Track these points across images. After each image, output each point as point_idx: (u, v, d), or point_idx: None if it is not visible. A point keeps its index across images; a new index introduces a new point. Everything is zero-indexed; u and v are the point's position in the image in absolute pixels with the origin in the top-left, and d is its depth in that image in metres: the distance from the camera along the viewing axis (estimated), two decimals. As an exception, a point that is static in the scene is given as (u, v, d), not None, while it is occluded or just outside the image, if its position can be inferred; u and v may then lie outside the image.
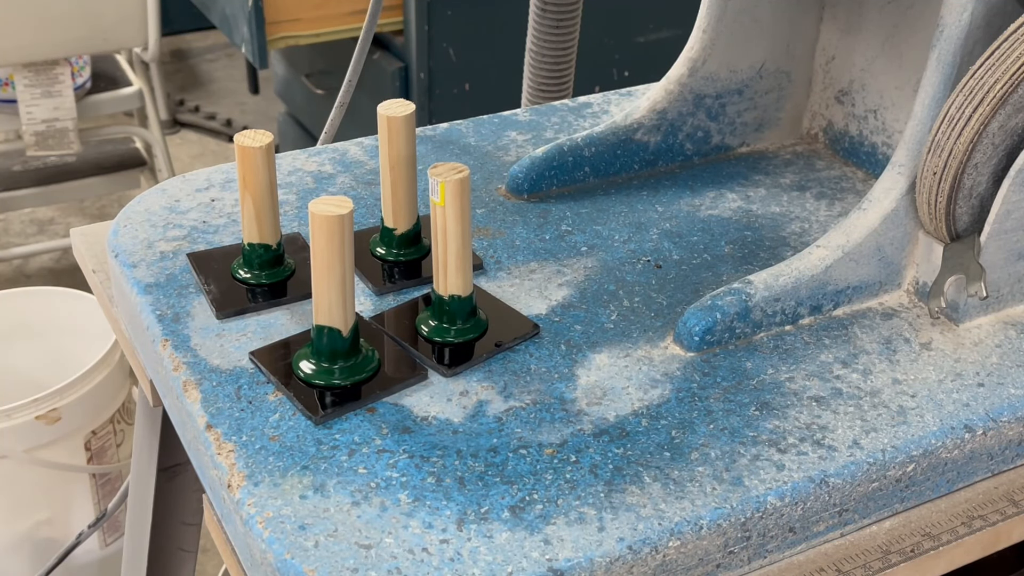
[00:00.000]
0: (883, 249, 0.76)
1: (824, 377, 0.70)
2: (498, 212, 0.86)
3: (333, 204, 0.62)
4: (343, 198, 0.63)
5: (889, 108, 0.89)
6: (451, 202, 0.66)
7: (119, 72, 2.21)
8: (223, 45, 3.47)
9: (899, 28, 0.86)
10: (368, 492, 0.60)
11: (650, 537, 0.59)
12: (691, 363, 0.71)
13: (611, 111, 1.01)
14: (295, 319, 0.73)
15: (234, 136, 0.70)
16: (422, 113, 2.03)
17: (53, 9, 1.93)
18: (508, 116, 1.00)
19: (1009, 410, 0.69)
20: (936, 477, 0.67)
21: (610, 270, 0.80)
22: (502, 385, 0.68)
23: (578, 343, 0.72)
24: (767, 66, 0.93)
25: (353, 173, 0.90)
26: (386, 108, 0.74)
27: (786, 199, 0.89)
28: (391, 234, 0.78)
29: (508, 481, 0.61)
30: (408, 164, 0.75)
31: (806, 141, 0.98)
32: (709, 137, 0.94)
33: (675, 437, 0.65)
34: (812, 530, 0.64)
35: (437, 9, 1.97)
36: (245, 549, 0.60)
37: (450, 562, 0.57)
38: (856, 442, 0.65)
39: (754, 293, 0.72)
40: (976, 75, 0.69)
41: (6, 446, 1.47)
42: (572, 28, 1.12)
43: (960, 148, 0.70)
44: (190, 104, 3.14)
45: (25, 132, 2.02)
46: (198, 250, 0.79)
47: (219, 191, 0.87)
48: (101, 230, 0.89)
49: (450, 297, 0.70)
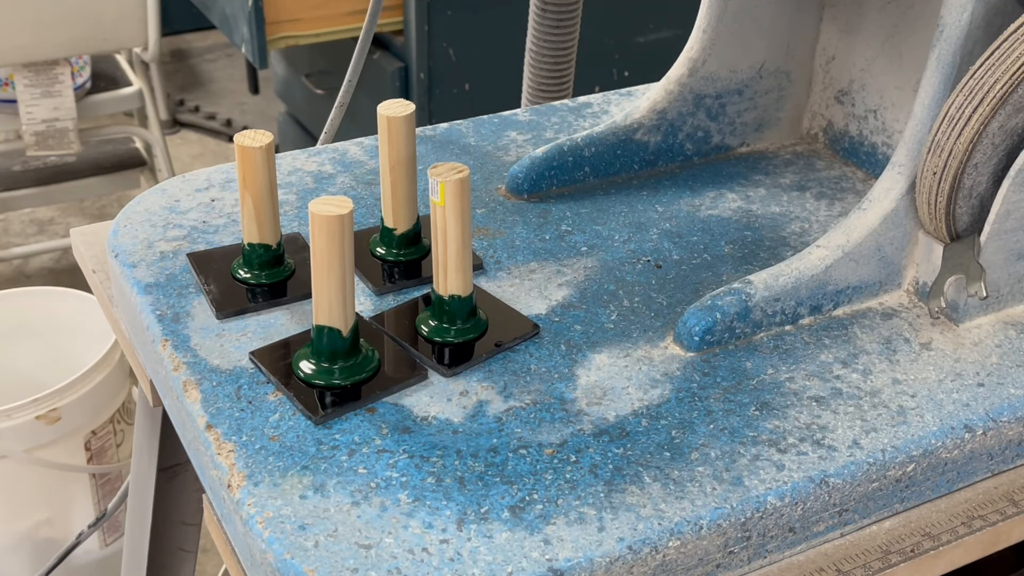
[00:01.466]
0: (883, 249, 0.76)
1: (824, 377, 0.70)
2: (498, 212, 0.86)
3: (333, 204, 0.62)
4: (343, 198, 0.63)
5: (889, 108, 0.89)
6: (451, 202, 0.66)
7: (119, 72, 2.21)
8: (223, 45, 3.47)
9: (899, 28, 0.86)
10: (368, 492, 0.60)
11: (650, 537, 0.59)
12: (691, 363, 0.71)
13: (611, 111, 1.01)
14: (295, 319, 0.73)
15: (234, 136, 0.70)
16: (422, 113, 2.03)
17: (53, 9, 1.93)
18: (508, 116, 1.00)
19: (1009, 410, 0.69)
20: (936, 477, 0.67)
21: (610, 270, 0.80)
22: (502, 385, 0.68)
23: (578, 343, 0.72)
24: (767, 66, 0.93)
25: (353, 173, 0.90)
26: (386, 108, 0.74)
27: (786, 199, 0.89)
28: (391, 234, 0.78)
29: (508, 481, 0.61)
30: (408, 164, 0.75)
31: (806, 141, 0.98)
32: (709, 137, 0.94)
33: (675, 437, 0.65)
34: (812, 530, 0.64)
35: (437, 9, 1.97)
36: (245, 549, 0.60)
37: (450, 562, 0.57)
38: (856, 442, 0.65)
39: (754, 293, 0.72)
40: (976, 75, 0.69)
41: (6, 446, 1.47)
42: (572, 28, 1.12)
43: (960, 148, 0.70)
44: (190, 104, 3.14)
45: (25, 132, 2.02)
46: (198, 250, 0.79)
47: (219, 191, 0.87)
48: (101, 230, 0.89)
49: (450, 297, 0.70)
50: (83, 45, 1.99)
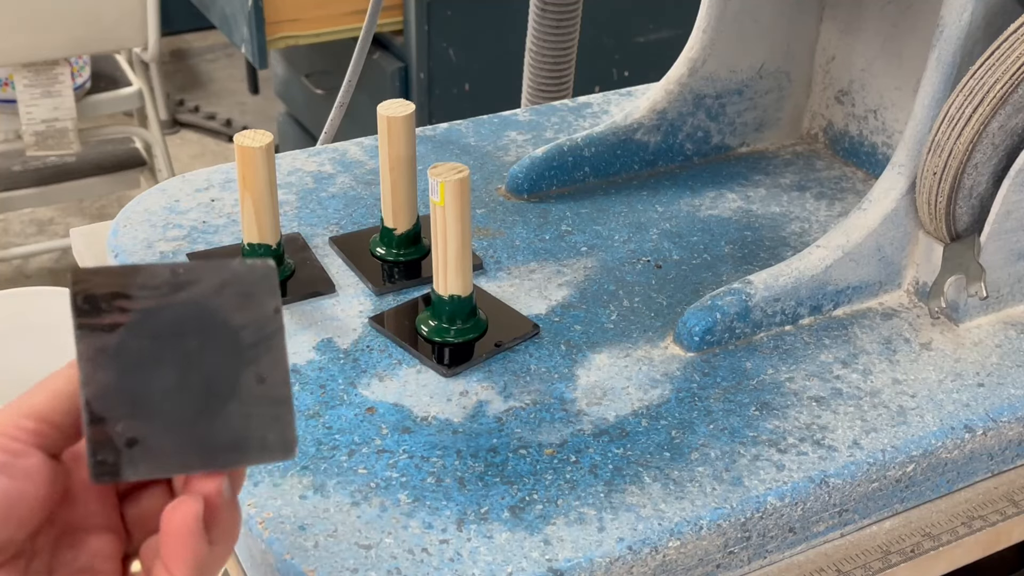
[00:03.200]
0: (883, 249, 0.76)
1: (824, 377, 0.70)
2: (498, 212, 0.86)
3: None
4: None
5: (889, 108, 0.89)
6: (451, 202, 0.66)
7: (119, 72, 2.21)
8: (223, 45, 3.47)
9: (899, 28, 0.86)
10: (368, 492, 0.60)
11: (650, 537, 0.59)
12: (691, 363, 0.71)
13: (611, 111, 1.01)
14: (295, 319, 0.73)
15: (234, 136, 0.70)
16: (422, 113, 2.03)
17: (53, 9, 1.92)
18: (508, 116, 1.00)
19: (1009, 410, 0.68)
20: (936, 477, 0.67)
21: (610, 270, 0.80)
22: (502, 385, 0.68)
23: (578, 343, 0.72)
24: (767, 66, 0.93)
25: (353, 173, 0.90)
26: (386, 108, 0.74)
27: (786, 199, 0.89)
28: (391, 234, 0.78)
29: (508, 481, 0.61)
30: (408, 164, 0.75)
31: (806, 141, 0.98)
32: (709, 137, 0.94)
33: (675, 437, 0.65)
34: (812, 530, 0.64)
35: (437, 9, 1.97)
36: (245, 549, 0.60)
37: (450, 562, 0.57)
38: (856, 442, 0.65)
39: (754, 293, 0.72)
40: (976, 75, 0.69)
41: (6, 446, 1.47)
42: (572, 28, 1.12)
43: (960, 148, 0.70)
44: (190, 104, 3.14)
45: (25, 132, 2.01)
46: (198, 250, 0.79)
47: (219, 191, 0.87)
48: (101, 230, 0.89)
49: (450, 297, 0.70)
50: (83, 45, 1.99)
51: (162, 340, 0.43)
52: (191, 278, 0.43)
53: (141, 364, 0.43)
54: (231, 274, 0.44)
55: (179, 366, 0.43)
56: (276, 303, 0.44)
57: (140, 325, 0.43)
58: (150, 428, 0.43)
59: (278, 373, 0.44)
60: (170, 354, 0.43)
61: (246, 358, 0.44)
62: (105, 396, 0.42)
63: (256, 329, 0.44)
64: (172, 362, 0.43)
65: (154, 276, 0.43)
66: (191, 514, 0.42)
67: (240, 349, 0.44)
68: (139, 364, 0.43)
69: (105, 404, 0.43)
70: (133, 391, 0.43)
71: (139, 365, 0.43)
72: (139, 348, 0.43)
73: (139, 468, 0.43)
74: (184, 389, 0.43)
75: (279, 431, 0.44)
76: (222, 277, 0.44)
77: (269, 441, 0.44)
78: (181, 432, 0.43)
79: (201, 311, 0.43)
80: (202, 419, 0.43)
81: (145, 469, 0.43)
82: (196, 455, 0.43)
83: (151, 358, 0.43)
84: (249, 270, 0.44)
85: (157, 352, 0.43)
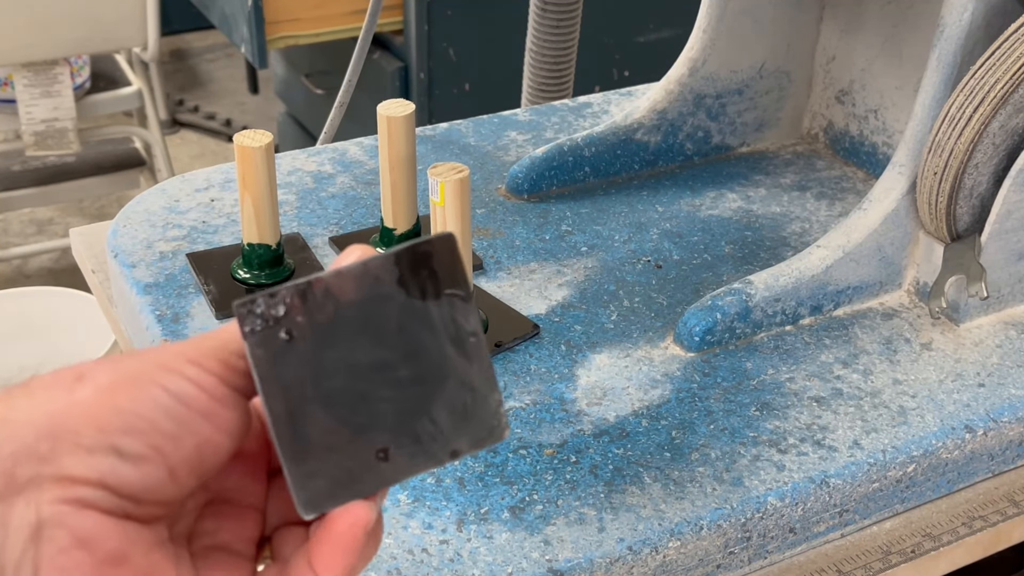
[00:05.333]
0: (883, 249, 0.76)
1: (824, 377, 0.70)
2: (498, 212, 0.86)
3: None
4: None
5: (889, 108, 0.89)
6: (451, 202, 0.66)
7: (118, 72, 2.21)
8: (223, 45, 3.47)
9: (899, 28, 0.86)
10: (368, 492, 0.60)
11: (650, 537, 0.59)
12: (691, 363, 0.71)
13: (611, 111, 1.01)
14: (295, 319, 0.73)
15: (234, 136, 0.70)
16: (422, 113, 2.03)
17: (53, 9, 1.92)
18: (508, 116, 1.00)
19: (1009, 410, 0.68)
20: (936, 477, 0.67)
21: (610, 270, 0.79)
22: (502, 385, 0.68)
23: (578, 343, 0.72)
24: (767, 66, 0.93)
25: (353, 173, 0.90)
26: (386, 108, 0.74)
27: (786, 199, 0.89)
28: (391, 234, 0.78)
29: (508, 481, 0.61)
30: (408, 164, 0.75)
31: (806, 141, 0.98)
32: (709, 137, 0.94)
33: (675, 437, 0.65)
34: (812, 530, 0.64)
35: (437, 9, 1.97)
36: (245, 549, 0.60)
37: (450, 562, 0.56)
38: (856, 442, 0.65)
39: (754, 293, 0.72)
40: (977, 75, 0.69)
41: (6, 446, 1.47)
42: (572, 28, 1.12)
43: (961, 148, 0.70)
44: (190, 104, 3.14)
45: (24, 132, 2.01)
46: (198, 250, 0.79)
47: (219, 191, 0.87)
48: (100, 230, 0.89)
49: (450, 297, 0.70)
50: (83, 45, 1.99)
51: (369, 340, 0.39)
52: (377, 274, 0.39)
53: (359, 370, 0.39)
54: (410, 255, 0.40)
55: (389, 364, 0.39)
56: (462, 272, 0.40)
57: (337, 332, 0.39)
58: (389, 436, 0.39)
59: (479, 347, 0.40)
60: (380, 354, 0.39)
61: (448, 336, 0.40)
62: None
63: (447, 304, 0.40)
64: (382, 363, 0.39)
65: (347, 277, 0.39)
66: (362, 522, 0.38)
67: (438, 330, 0.40)
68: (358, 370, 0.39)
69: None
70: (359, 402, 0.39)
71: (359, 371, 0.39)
72: (351, 355, 0.39)
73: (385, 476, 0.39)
74: (400, 386, 0.39)
75: (493, 412, 0.40)
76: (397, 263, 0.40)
77: (487, 424, 0.40)
78: (407, 431, 0.39)
79: (397, 305, 0.39)
80: (421, 413, 0.39)
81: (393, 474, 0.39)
82: (423, 454, 0.39)
83: (365, 364, 0.39)
84: (428, 243, 0.40)
85: (369, 355, 0.39)
